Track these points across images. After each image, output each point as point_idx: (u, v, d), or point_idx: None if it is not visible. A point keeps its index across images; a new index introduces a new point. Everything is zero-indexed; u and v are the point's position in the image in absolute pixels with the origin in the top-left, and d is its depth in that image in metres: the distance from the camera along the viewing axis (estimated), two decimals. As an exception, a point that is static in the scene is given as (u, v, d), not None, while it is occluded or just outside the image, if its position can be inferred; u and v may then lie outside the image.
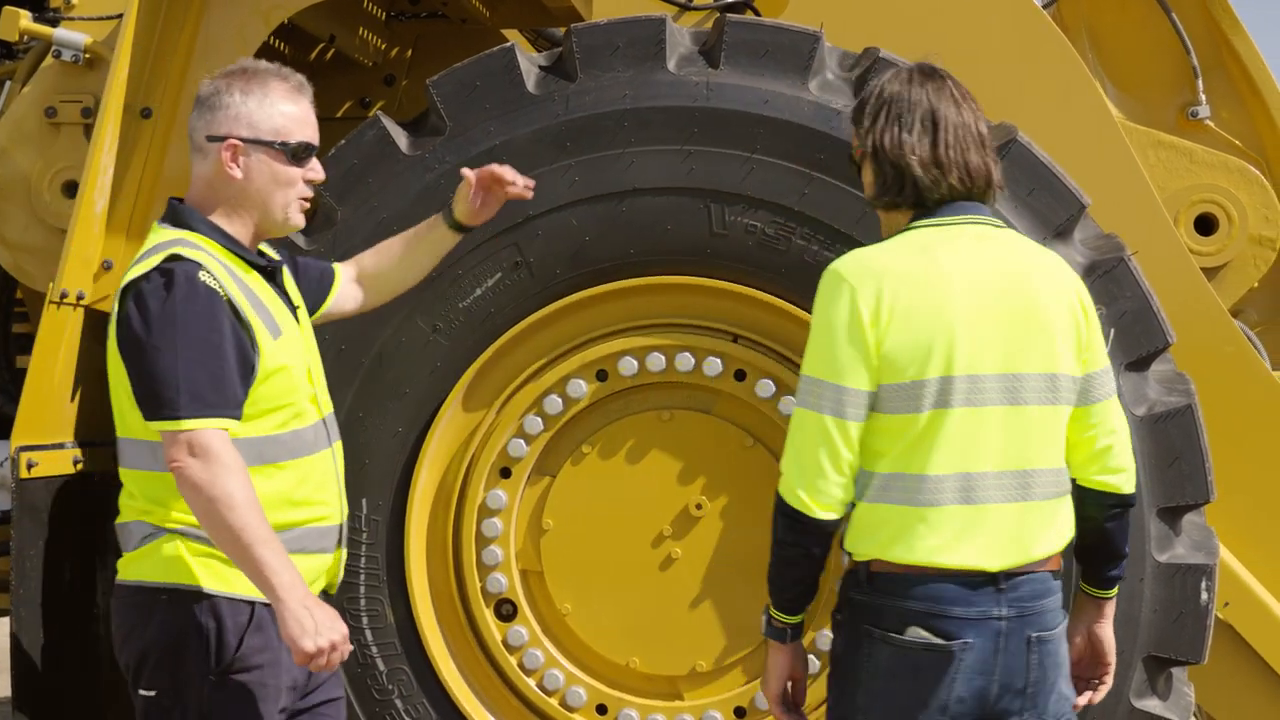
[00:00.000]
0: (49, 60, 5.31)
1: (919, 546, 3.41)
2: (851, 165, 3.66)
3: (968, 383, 3.40)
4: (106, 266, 4.91)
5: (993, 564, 3.42)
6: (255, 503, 3.40)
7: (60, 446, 4.91)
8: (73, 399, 4.93)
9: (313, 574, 3.63)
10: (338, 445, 3.75)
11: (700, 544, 4.61)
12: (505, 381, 4.61)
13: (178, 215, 3.62)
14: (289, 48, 5.76)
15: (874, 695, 3.45)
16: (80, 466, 4.96)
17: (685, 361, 4.59)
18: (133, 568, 3.57)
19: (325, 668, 3.41)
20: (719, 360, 4.59)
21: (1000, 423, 3.43)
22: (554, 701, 4.65)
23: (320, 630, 3.37)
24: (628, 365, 4.60)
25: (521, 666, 4.65)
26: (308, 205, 3.68)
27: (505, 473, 4.66)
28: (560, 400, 4.62)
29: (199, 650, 3.50)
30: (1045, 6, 5.71)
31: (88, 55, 5.20)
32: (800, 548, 3.45)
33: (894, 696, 3.43)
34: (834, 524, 3.44)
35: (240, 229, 3.63)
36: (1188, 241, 5.61)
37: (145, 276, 3.49)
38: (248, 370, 3.50)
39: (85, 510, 5.07)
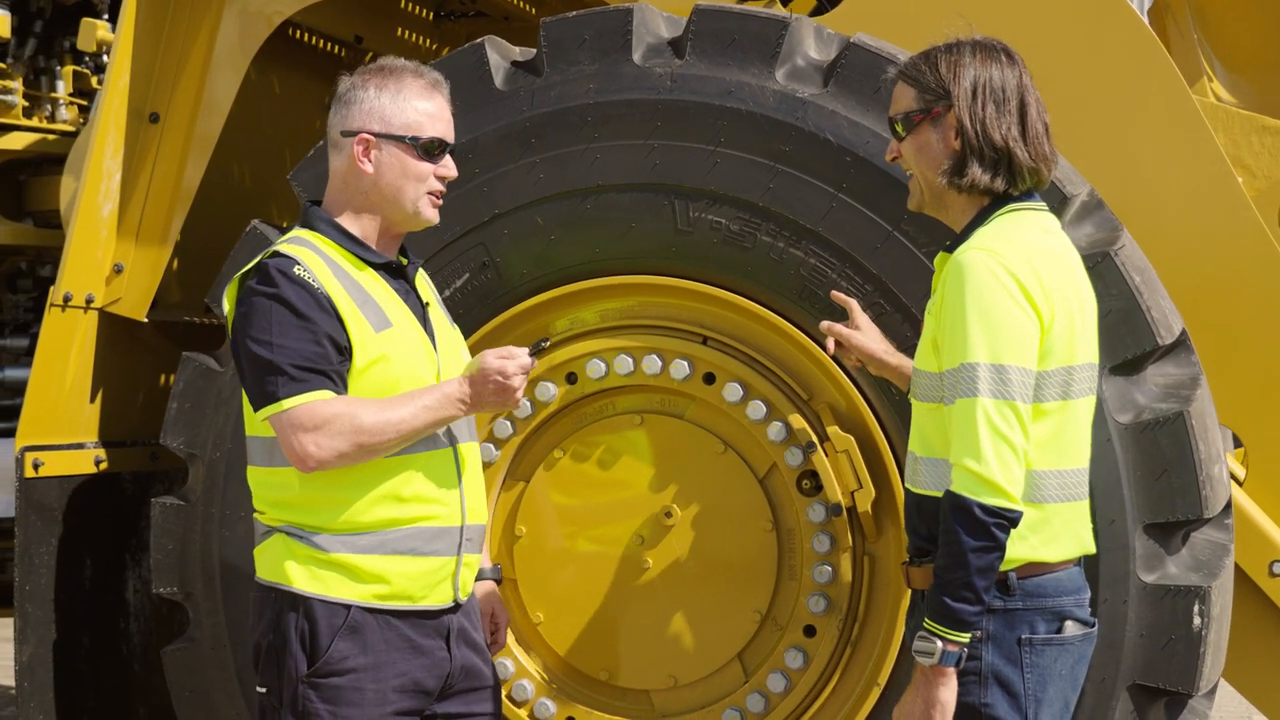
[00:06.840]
0: None
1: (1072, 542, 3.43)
2: (896, 127, 3.48)
3: (1084, 371, 3.39)
4: (117, 270, 4.98)
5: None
6: (377, 408, 3.44)
7: (79, 447, 5.02)
8: (92, 400, 5.03)
9: (426, 578, 3.55)
10: (465, 446, 3.65)
11: (673, 552, 4.42)
12: (475, 384, 4.48)
13: (305, 216, 3.65)
14: (346, 52, 5.76)
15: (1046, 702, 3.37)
16: (104, 466, 5.06)
17: (653, 364, 4.41)
18: (257, 564, 3.61)
19: (512, 393, 3.52)
20: (686, 363, 4.40)
21: (1086, 414, 3.42)
22: (523, 714, 4.51)
23: (483, 396, 3.51)
24: (595, 368, 4.45)
25: (491, 676, 4.53)
26: (440, 201, 3.64)
27: (477, 478, 4.55)
28: (529, 404, 4.49)
29: (296, 651, 3.50)
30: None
31: None
32: (1001, 550, 3.27)
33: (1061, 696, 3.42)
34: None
35: (369, 224, 3.61)
36: (1293, 237, 5.17)
37: (247, 274, 3.53)
38: (341, 354, 3.48)
39: (113, 508, 5.18)
